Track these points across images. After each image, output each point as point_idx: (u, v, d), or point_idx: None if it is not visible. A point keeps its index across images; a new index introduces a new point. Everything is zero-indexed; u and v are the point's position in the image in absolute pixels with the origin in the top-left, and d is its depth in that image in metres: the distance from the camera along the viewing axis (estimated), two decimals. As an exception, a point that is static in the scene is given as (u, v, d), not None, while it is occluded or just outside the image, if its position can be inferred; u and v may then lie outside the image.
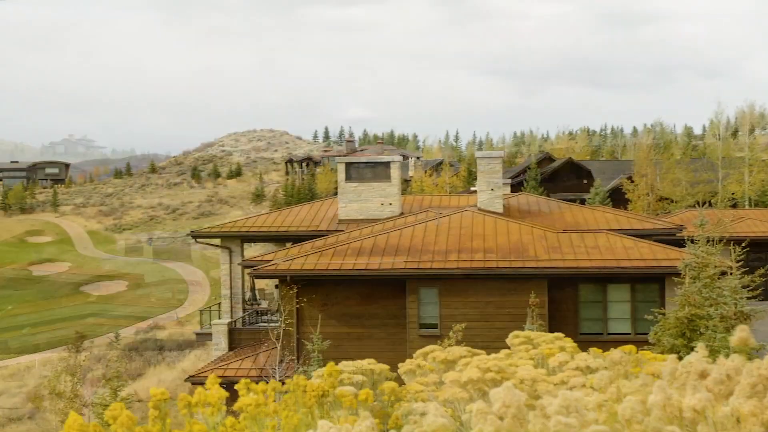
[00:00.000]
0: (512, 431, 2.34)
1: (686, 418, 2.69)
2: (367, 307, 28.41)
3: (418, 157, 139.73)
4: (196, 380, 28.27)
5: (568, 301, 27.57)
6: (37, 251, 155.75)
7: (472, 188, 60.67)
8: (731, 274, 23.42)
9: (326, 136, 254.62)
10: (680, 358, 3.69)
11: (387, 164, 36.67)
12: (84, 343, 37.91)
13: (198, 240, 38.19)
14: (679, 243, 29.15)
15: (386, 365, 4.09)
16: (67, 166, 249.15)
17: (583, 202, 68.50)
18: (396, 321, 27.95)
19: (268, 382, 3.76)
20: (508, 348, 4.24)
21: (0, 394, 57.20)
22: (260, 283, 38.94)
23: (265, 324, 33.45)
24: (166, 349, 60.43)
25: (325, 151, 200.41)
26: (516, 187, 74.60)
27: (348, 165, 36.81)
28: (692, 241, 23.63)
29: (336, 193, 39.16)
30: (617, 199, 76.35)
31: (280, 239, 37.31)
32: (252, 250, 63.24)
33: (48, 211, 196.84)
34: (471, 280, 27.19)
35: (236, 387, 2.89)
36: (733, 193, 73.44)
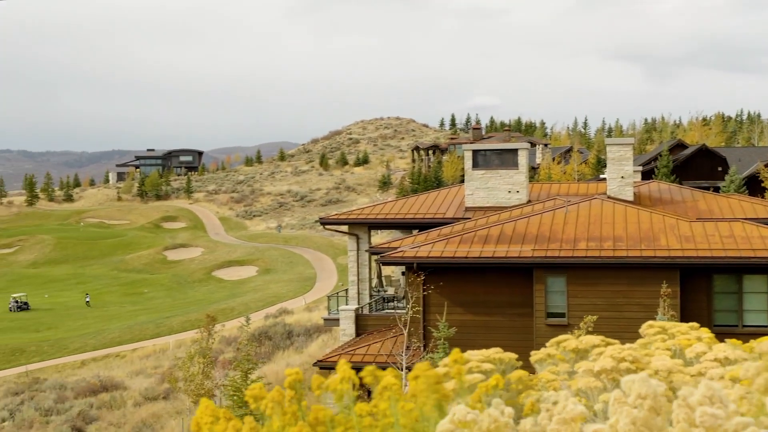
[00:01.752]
0: (649, 422, 2.29)
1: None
2: (493, 295, 28.28)
3: (545, 145, 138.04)
4: (324, 365, 28.68)
5: (701, 292, 26.82)
6: (171, 237, 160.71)
7: (602, 176, 59.60)
8: None
9: (453, 124, 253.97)
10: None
11: (514, 151, 36.36)
12: (215, 326, 38.84)
13: (326, 227, 38.66)
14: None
15: (514, 354, 4.05)
16: (200, 153, 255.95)
17: (717, 190, 66.53)
18: (522, 310, 27.75)
19: (395, 368, 3.78)
20: (637, 339, 4.15)
21: (137, 374, 59.32)
22: (387, 270, 39.23)
23: (392, 310, 33.67)
24: (294, 334, 61.46)
25: (452, 138, 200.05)
26: (647, 174, 72.93)
27: (475, 152, 36.64)
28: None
29: (462, 181, 39.02)
30: (754, 187, 73.86)
31: (406, 226, 37.44)
32: (379, 237, 63.74)
33: (182, 197, 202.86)
34: (600, 269, 26.74)
35: (361, 375, 2.91)
36: None
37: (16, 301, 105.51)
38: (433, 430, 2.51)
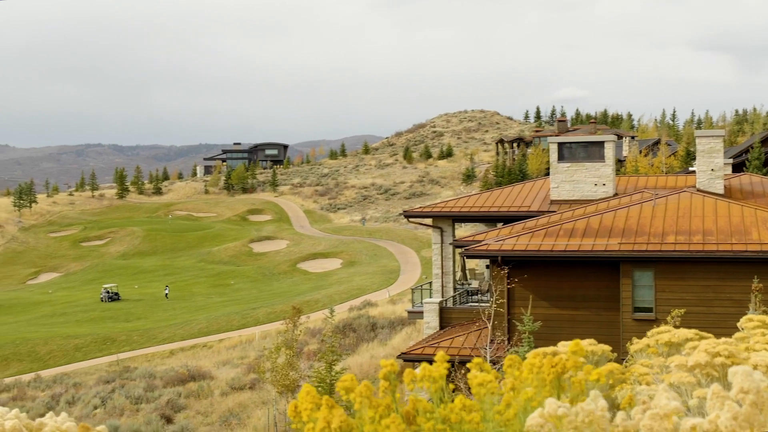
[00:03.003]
0: (751, 418, 2.23)
1: None
2: (579, 289, 27.98)
3: (632, 137, 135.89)
4: (408, 357, 28.74)
5: (795, 287, 26.11)
6: (257, 229, 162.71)
7: (690, 168, 58.46)
8: None
9: (537, 116, 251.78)
10: None
11: (601, 144, 35.86)
12: (300, 317, 39.20)
13: (410, 219, 38.69)
14: None
15: (608, 346, 4.00)
16: (285, 147, 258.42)
17: (811, 183, 64.60)
18: (608, 304, 27.40)
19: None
20: (728, 335, 4.06)
21: (223, 365, 60.23)
22: (471, 263, 39.08)
23: (476, 304, 33.56)
24: (377, 326, 61.69)
25: (537, 131, 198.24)
26: (737, 167, 71.24)
27: (560, 145, 36.24)
28: None
29: (547, 174, 38.69)
30: None
31: (490, 219, 37.26)
32: (462, 230, 63.58)
33: (267, 190, 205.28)
34: (689, 263, 26.24)
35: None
36: None
37: (108, 292, 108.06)
38: (524, 424, 2.49)
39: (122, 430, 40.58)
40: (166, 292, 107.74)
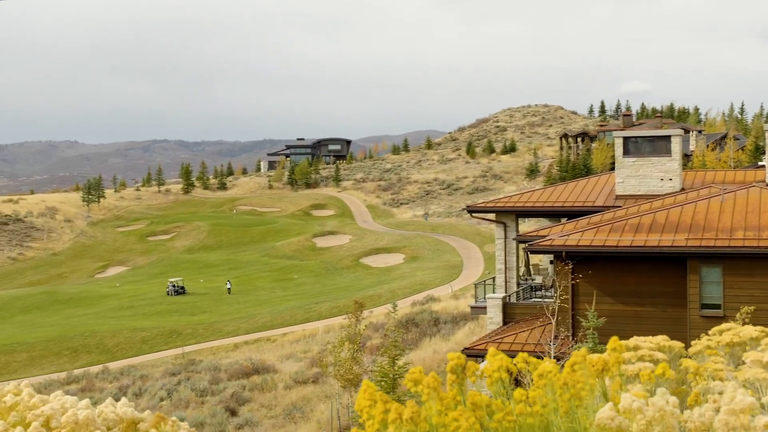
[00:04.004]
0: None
1: None
2: (644, 285, 27.63)
3: (699, 131, 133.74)
4: (471, 352, 28.66)
5: None
6: (320, 224, 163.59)
7: (760, 163, 57.37)
8: None
9: (602, 111, 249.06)
10: None
11: (667, 138, 35.37)
12: (363, 312, 39.33)
13: (473, 215, 38.58)
14: None
15: (679, 342, 3.95)
16: (348, 142, 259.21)
17: None
18: (674, 300, 27.01)
19: (542, 357, 3.74)
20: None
21: (287, 358, 60.68)
22: (534, 258, 38.88)
23: (539, 299, 33.36)
24: (440, 322, 61.62)
25: (601, 125, 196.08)
26: (809, 161, 69.64)
27: (626, 139, 35.82)
28: None
29: (612, 168, 38.26)
30: None
31: (554, 215, 36.99)
32: (526, 225, 63.22)
33: (330, 185, 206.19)
34: (758, 259, 25.75)
35: (514, 360, 2.90)
36: None
37: (174, 285, 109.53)
38: (593, 418, 2.47)
39: (188, 422, 41.09)
40: (228, 286, 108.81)
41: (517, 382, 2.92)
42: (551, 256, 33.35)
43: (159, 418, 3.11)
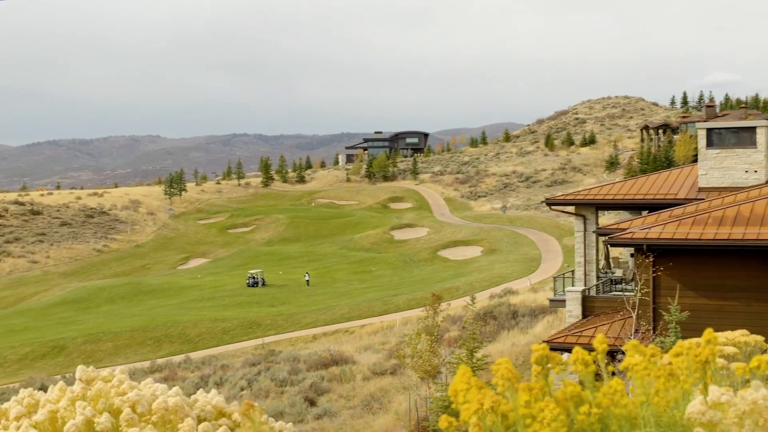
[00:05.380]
0: None
1: None
2: (727, 279, 27.09)
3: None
4: (550, 346, 28.41)
5: None
6: (398, 217, 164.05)
7: None
8: None
9: (684, 102, 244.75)
10: None
11: (752, 129, 34.60)
12: (441, 304, 39.31)
13: (552, 207, 38.27)
14: None
15: (761, 337, 3.88)
16: (425, 135, 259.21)
17: None
18: (759, 295, 26.44)
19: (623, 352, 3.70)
20: None
21: (365, 350, 61.01)
22: (614, 252, 38.41)
23: (619, 293, 32.98)
24: (518, 314, 61.30)
25: (683, 117, 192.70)
26: None
27: (709, 131, 35.14)
28: None
29: (695, 161, 37.61)
30: None
31: (635, 207, 36.49)
32: (606, 218, 62.45)
33: (408, 178, 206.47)
34: None
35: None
36: None
37: (253, 277, 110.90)
38: (684, 411, 2.45)
39: (268, 412, 41.59)
40: (307, 278, 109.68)
41: (597, 376, 2.91)
42: (631, 249, 32.91)
43: (248, 406, 3.17)
